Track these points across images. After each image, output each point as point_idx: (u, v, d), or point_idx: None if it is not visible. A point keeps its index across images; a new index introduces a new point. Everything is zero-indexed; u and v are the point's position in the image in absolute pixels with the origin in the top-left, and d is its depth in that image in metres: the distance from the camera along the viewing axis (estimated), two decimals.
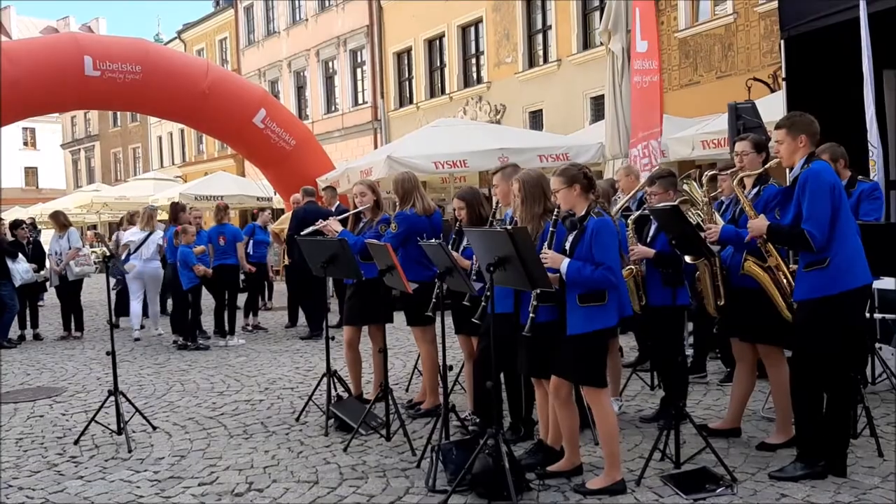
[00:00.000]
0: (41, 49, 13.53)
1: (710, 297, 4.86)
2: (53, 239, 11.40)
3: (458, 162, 11.54)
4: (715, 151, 9.51)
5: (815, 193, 4.02)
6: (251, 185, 21.75)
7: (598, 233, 4.06)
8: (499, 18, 19.95)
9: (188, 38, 35.25)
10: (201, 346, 9.71)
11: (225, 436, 5.78)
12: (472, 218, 5.45)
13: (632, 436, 5.27)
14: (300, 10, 28.17)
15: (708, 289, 4.86)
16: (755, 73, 12.40)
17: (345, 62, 26.24)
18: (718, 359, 7.14)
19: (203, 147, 34.96)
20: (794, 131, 4.20)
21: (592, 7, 17.69)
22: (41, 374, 8.59)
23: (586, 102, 17.44)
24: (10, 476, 5.06)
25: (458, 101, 21.34)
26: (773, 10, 11.27)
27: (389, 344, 6.27)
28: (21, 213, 26.19)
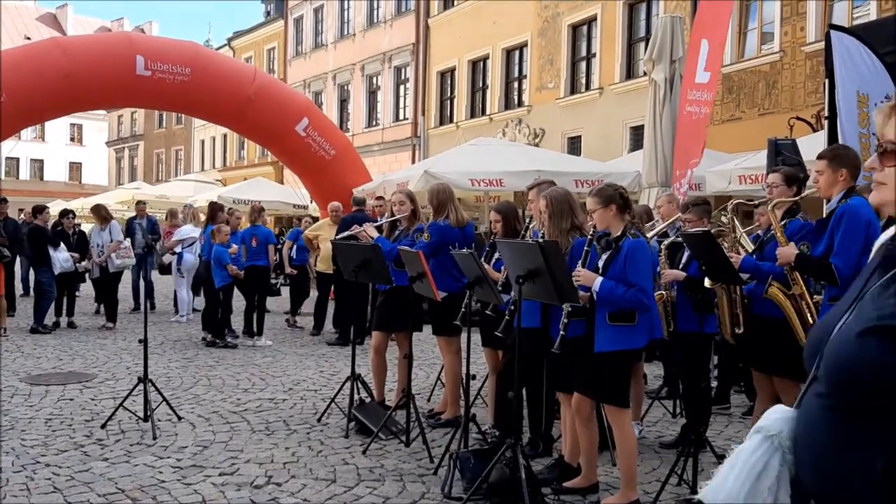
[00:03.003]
0: (95, 45, 13.92)
1: (727, 323, 4.87)
2: (95, 232, 11.68)
3: (495, 181, 11.61)
4: (752, 187, 9.48)
5: (850, 229, 4.02)
6: (289, 191, 22.01)
7: (633, 253, 4.10)
8: (544, 44, 20.09)
9: (237, 45, 35.91)
10: (229, 344, 9.86)
11: (247, 430, 5.87)
12: (507, 231, 5.52)
13: (650, 460, 5.27)
14: (349, 24, 28.60)
15: (725, 315, 4.87)
16: (798, 112, 12.35)
17: (388, 78, 26.55)
18: (743, 392, 7.10)
19: (244, 153, 35.48)
20: (835, 164, 4.22)
21: (638, 37, 17.75)
22: (73, 360, 8.77)
23: (626, 131, 17.47)
24: (38, 453, 5.19)
25: (497, 123, 21.47)
26: (819, 49, 11.25)
27: (415, 354, 6.33)
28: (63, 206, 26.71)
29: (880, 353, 1.38)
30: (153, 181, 39.50)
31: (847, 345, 1.45)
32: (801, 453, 1.53)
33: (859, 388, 1.41)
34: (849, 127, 6.74)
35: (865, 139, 6.87)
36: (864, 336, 1.41)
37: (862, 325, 1.44)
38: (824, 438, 1.47)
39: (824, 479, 1.47)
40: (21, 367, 8.17)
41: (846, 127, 6.74)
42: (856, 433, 1.42)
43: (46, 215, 11.76)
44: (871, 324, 1.42)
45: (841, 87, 6.76)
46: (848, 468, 1.43)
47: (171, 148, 43.83)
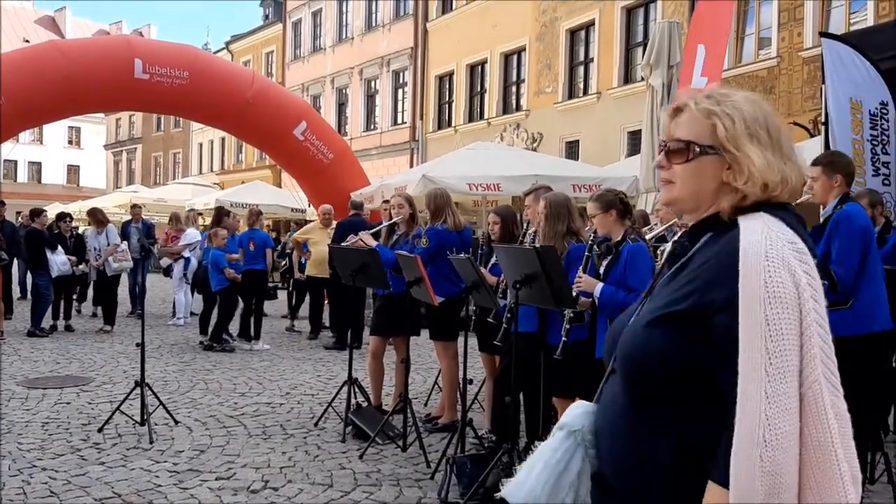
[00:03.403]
0: (93, 48, 13.90)
1: None
2: (92, 235, 11.68)
3: (492, 185, 11.62)
4: None
5: (847, 236, 4.04)
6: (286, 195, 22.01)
7: (633, 258, 4.11)
8: (542, 48, 20.13)
9: (236, 49, 35.94)
10: (227, 347, 9.85)
11: (244, 435, 5.87)
12: (505, 235, 5.52)
13: None
14: (347, 28, 28.63)
15: None
16: (796, 118, 12.39)
17: (387, 82, 26.58)
18: None
19: (242, 156, 35.49)
20: (830, 170, 4.24)
21: (636, 42, 17.79)
22: (70, 363, 8.77)
23: (623, 136, 17.50)
24: (35, 457, 5.19)
25: (495, 127, 21.50)
26: (817, 55, 11.27)
27: (412, 358, 6.33)
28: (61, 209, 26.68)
29: (665, 340, 1.44)
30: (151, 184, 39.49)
31: (636, 335, 1.50)
32: (601, 446, 1.56)
33: (648, 377, 1.46)
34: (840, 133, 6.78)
35: (858, 145, 6.91)
36: (651, 326, 1.47)
37: (648, 315, 1.51)
38: (620, 429, 1.51)
39: (619, 470, 1.50)
40: (18, 371, 8.16)
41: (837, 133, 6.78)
42: (647, 422, 1.47)
43: (44, 218, 11.76)
44: (657, 313, 1.48)
45: (832, 94, 6.81)
46: (640, 457, 1.47)
47: (169, 151, 43.82)
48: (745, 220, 1.46)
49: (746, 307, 1.34)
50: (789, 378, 1.31)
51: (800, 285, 1.34)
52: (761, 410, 1.30)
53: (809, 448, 1.32)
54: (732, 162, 1.49)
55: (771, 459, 1.29)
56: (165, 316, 13.34)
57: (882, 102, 7.01)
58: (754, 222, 1.43)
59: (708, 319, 1.39)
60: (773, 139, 1.51)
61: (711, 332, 1.38)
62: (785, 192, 1.49)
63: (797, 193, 1.51)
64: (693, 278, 1.46)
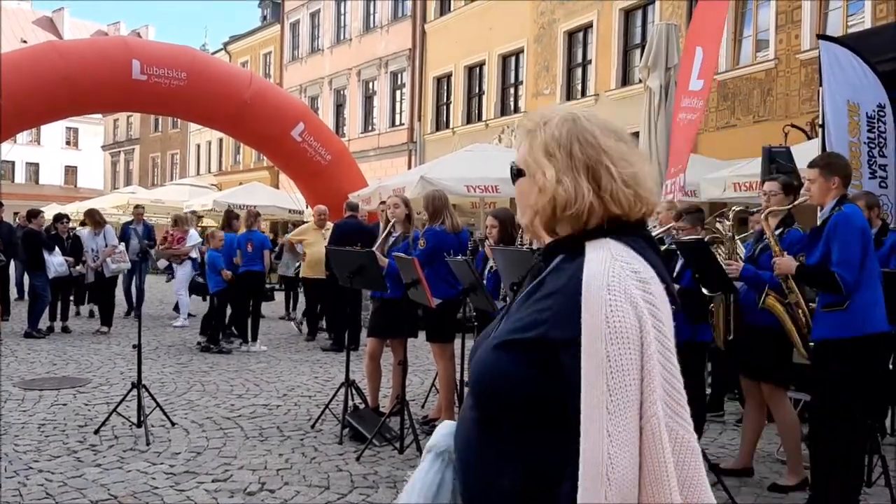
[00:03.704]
0: (91, 49, 13.92)
1: (721, 330, 4.89)
2: (89, 236, 11.66)
3: (490, 187, 11.63)
4: (746, 194, 9.50)
5: (847, 237, 4.04)
6: (284, 196, 22.01)
7: None
8: (540, 50, 20.14)
9: (234, 49, 35.93)
10: (224, 349, 9.84)
11: (241, 437, 5.86)
12: (503, 238, 5.52)
13: None
14: (345, 29, 28.63)
15: (720, 322, 4.88)
16: (793, 120, 12.38)
17: (385, 83, 26.58)
18: (737, 399, 7.11)
19: (240, 157, 35.47)
20: (828, 172, 4.23)
21: (633, 44, 17.80)
22: (67, 364, 8.75)
23: None
24: (31, 459, 5.18)
25: (493, 129, 21.50)
26: (814, 57, 11.29)
27: (409, 360, 6.33)
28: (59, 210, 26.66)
29: (512, 366, 1.41)
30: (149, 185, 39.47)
31: (487, 355, 1.46)
32: (458, 467, 1.54)
33: (496, 400, 1.43)
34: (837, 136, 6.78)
35: (855, 148, 6.92)
36: (499, 349, 1.44)
37: (499, 336, 1.46)
38: (472, 452, 1.48)
39: (471, 493, 1.48)
40: (15, 372, 8.14)
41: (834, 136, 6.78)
42: (494, 446, 1.44)
43: (41, 219, 11.76)
44: (506, 336, 1.44)
45: (829, 97, 6.81)
46: (486, 481, 1.44)
47: (167, 152, 43.80)
48: (591, 247, 1.42)
49: (588, 344, 1.32)
50: (630, 413, 1.31)
51: (642, 317, 1.32)
52: (604, 449, 1.28)
53: (646, 480, 1.31)
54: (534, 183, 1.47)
55: (615, 499, 1.28)
56: (163, 317, 13.33)
57: (879, 105, 7.01)
58: (598, 251, 1.40)
59: (555, 353, 1.36)
60: (574, 160, 1.45)
61: (560, 365, 1.36)
62: (634, 213, 1.45)
63: (635, 214, 1.45)
64: (542, 308, 1.42)
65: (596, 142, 1.47)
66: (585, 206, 1.43)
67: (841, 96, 6.85)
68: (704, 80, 9.22)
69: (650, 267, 1.41)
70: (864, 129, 6.91)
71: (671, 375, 1.36)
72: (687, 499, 1.33)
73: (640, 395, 1.32)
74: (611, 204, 1.44)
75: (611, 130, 1.51)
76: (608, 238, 1.43)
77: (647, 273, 1.39)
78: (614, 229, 1.44)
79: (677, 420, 1.35)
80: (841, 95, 6.85)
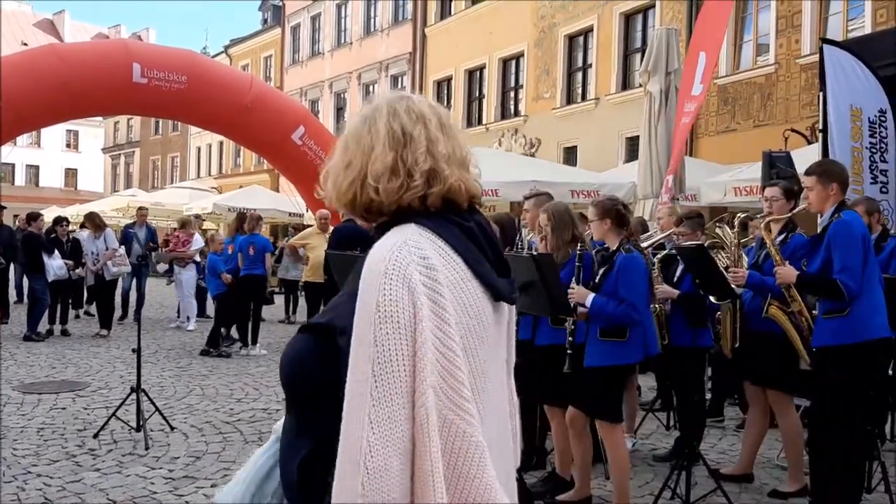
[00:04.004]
0: (92, 52, 13.89)
1: (728, 339, 4.87)
2: (89, 239, 11.66)
3: (490, 191, 11.63)
4: (746, 198, 9.51)
5: (848, 245, 4.03)
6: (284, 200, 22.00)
7: (624, 269, 4.12)
8: (540, 54, 20.15)
9: (234, 53, 35.95)
10: (223, 353, 9.83)
11: (240, 441, 5.86)
12: (503, 242, 5.51)
13: (643, 473, 5.26)
14: (346, 33, 28.66)
15: (727, 331, 4.87)
16: (793, 125, 12.39)
17: (385, 87, 26.58)
18: (737, 404, 7.10)
19: (240, 160, 35.47)
20: (825, 179, 4.22)
21: (634, 48, 17.81)
22: (66, 368, 8.75)
23: (621, 142, 17.50)
24: (30, 463, 5.17)
25: (494, 132, 21.51)
26: (814, 62, 11.29)
27: None
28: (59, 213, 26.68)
29: (304, 349, 1.43)
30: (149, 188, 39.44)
31: (293, 338, 1.48)
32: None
33: (291, 381, 1.45)
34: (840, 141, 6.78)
35: (858, 153, 6.92)
36: (301, 332, 1.46)
37: (307, 322, 1.51)
38: (285, 432, 1.49)
39: (282, 473, 1.48)
40: (14, 376, 8.13)
41: (837, 141, 6.78)
42: (293, 426, 1.45)
43: (41, 222, 11.76)
44: (308, 321, 1.49)
45: (833, 101, 6.81)
46: (285, 460, 1.45)
47: (168, 155, 43.80)
48: (392, 232, 1.42)
49: (358, 329, 1.30)
50: (397, 401, 1.27)
51: (418, 303, 1.29)
52: (364, 437, 1.26)
53: (417, 473, 1.27)
54: None
55: (372, 488, 1.25)
56: (162, 321, 13.32)
57: (881, 110, 7.02)
58: (394, 235, 1.39)
59: (335, 337, 1.36)
60: (349, 151, 1.48)
61: (338, 350, 1.35)
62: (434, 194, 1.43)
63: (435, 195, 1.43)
64: (340, 293, 1.45)
65: (365, 132, 1.48)
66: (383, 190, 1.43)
67: (844, 101, 6.85)
68: (704, 84, 9.25)
69: (453, 253, 1.39)
70: (866, 135, 6.91)
71: (452, 365, 1.31)
72: (462, 496, 1.29)
73: (411, 384, 1.28)
74: (409, 190, 1.43)
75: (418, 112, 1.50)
76: (412, 223, 1.42)
77: (439, 259, 1.36)
78: (423, 213, 1.43)
79: (457, 412, 1.30)
80: (844, 100, 6.85)
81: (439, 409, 1.29)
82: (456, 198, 1.46)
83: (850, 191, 6.46)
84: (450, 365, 1.31)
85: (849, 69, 7.00)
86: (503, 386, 1.59)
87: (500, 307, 1.52)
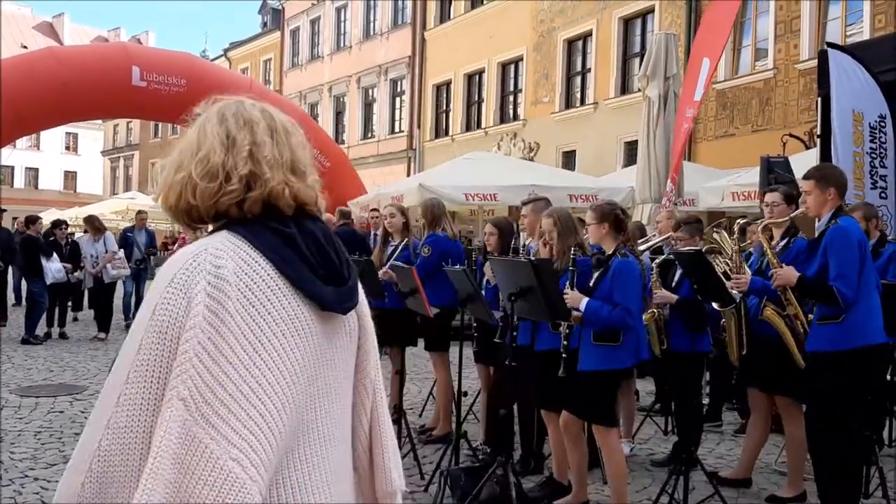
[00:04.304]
0: (91, 55, 13.94)
1: (734, 346, 4.84)
2: (88, 242, 11.65)
3: (489, 195, 11.63)
4: (745, 203, 9.52)
5: (844, 251, 4.02)
6: None
7: (619, 274, 4.12)
8: (539, 58, 20.18)
9: (234, 56, 35.97)
10: None
11: None
12: (501, 247, 5.50)
13: (641, 478, 5.26)
14: (345, 37, 28.69)
15: (733, 338, 4.83)
16: (791, 130, 12.41)
17: (384, 90, 26.62)
18: (735, 409, 7.10)
19: None
20: (823, 184, 4.22)
21: (633, 53, 17.85)
22: (64, 371, 8.73)
23: (620, 146, 17.53)
24: (27, 467, 5.16)
25: (493, 136, 21.53)
26: (813, 67, 11.31)
27: (408, 369, 6.30)
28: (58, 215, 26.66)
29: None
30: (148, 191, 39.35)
31: None
32: None
33: None
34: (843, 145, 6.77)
35: (859, 157, 6.91)
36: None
37: None
38: None
39: None
40: (11, 379, 8.12)
41: (840, 145, 6.76)
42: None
43: (39, 225, 11.77)
44: None
45: (836, 105, 6.79)
46: None
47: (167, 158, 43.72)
48: (204, 237, 1.40)
49: (133, 331, 1.29)
50: (139, 411, 1.23)
51: (192, 312, 1.24)
52: (97, 440, 1.24)
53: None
54: None
55: (92, 491, 1.23)
56: None
57: (881, 115, 7.02)
58: (200, 241, 1.37)
59: None
60: (180, 155, 1.48)
61: None
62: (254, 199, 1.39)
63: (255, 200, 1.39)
64: None
65: (192, 140, 1.48)
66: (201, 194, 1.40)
67: (847, 105, 6.84)
68: (705, 89, 9.26)
69: (262, 260, 1.35)
70: (866, 139, 6.91)
71: (216, 381, 1.24)
72: None
73: (160, 396, 1.24)
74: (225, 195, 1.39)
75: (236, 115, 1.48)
76: (225, 230, 1.39)
77: (241, 267, 1.32)
78: (240, 219, 1.40)
79: (208, 430, 1.22)
80: (847, 104, 6.84)
81: (187, 425, 1.21)
82: (278, 203, 1.41)
83: (853, 196, 6.48)
84: (213, 380, 1.24)
85: (851, 73, 6.99)
86: (343, 401, 1.51)
87: (333, 317, 1.45)
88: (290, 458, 1.35)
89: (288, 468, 1.35)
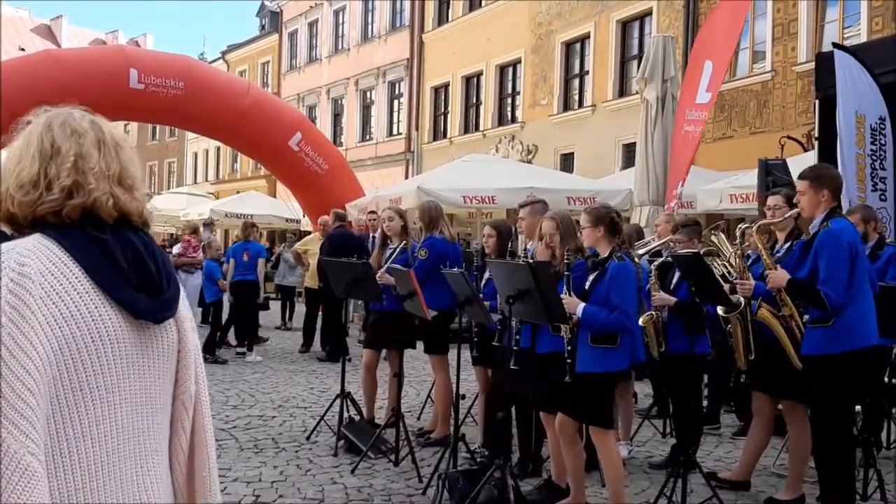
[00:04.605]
0: (89, 57, 13.94)
1: (741, 351, 4.79)
2: None
3: (487, 198, 11.63)
4: (743, 205, 9.53)
5: (834, 255, 4.00)
6: (281, 205, 22.01)
7: (616, 277, 4.12)
8: (537, 60, 20.19)
9: (232, 59, 35.96)
10: (219, 359, 9.81)
11: (236, 448, 5.84)
12: (499, 249, 5.49)
13: (639, 480, 5.26)
14: (343, 39, 28.69)
15: (739, 343, 4.78)
16: (789, 132, 12.41)
17: (383, 93, 26.62)
18: (733, 412, 7.09)
19: (237, 166, 35.48)
20: (817, 185, 4.20)
21: (631, 55, 17.85)
22: None
23: (618, 148, 17.53)
24: None
25: (491, 139, 21.52)
26: (810, 69, 11.33)
27: (406, 371, 6.30)
28: None
29: None
30: None
31: None
32: None
33: None
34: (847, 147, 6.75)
35: (861, 159, 6.91)
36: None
37: None
38: None
39: None
40: None
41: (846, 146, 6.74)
42: None
43: None
44: None
45: (842, 106, 6.77)
46: None
47: (165, 160, 43.80)
48: (17, 239, 1.41)
49: None
50: None
51: None
52: None
53: None
54: None
55: None
56: None
57: (881, 118, 7.02)
58: (11, 242, 1.38)
59: None
60: (8, 162, 1.49)
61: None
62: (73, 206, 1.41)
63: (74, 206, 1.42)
64: None
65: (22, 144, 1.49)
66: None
67: (850, 107, 6.83)
68: (712, 92, 9.25)
69: (71, 263, 1.37)
70: (867, 141, 6.90)
71: (13, 374, 1.26)
72: None
73: None
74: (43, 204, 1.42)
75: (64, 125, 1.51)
76: (38, 232, 1.41)
77: (47, 267, 1.34)
78: (55, 224, 1.42)
79: (6, 426, 1.24)
80: (850, 106, 6.83)
81: None
82: (100, 212, 1.44)
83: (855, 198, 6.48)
84: (11, 374, 1.26)
85: (855, 75, 6.99)
86: (155, 413, 1.51)
87: (148, 327, 1.47)
88: (74, 459, 1.36)
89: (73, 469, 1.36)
